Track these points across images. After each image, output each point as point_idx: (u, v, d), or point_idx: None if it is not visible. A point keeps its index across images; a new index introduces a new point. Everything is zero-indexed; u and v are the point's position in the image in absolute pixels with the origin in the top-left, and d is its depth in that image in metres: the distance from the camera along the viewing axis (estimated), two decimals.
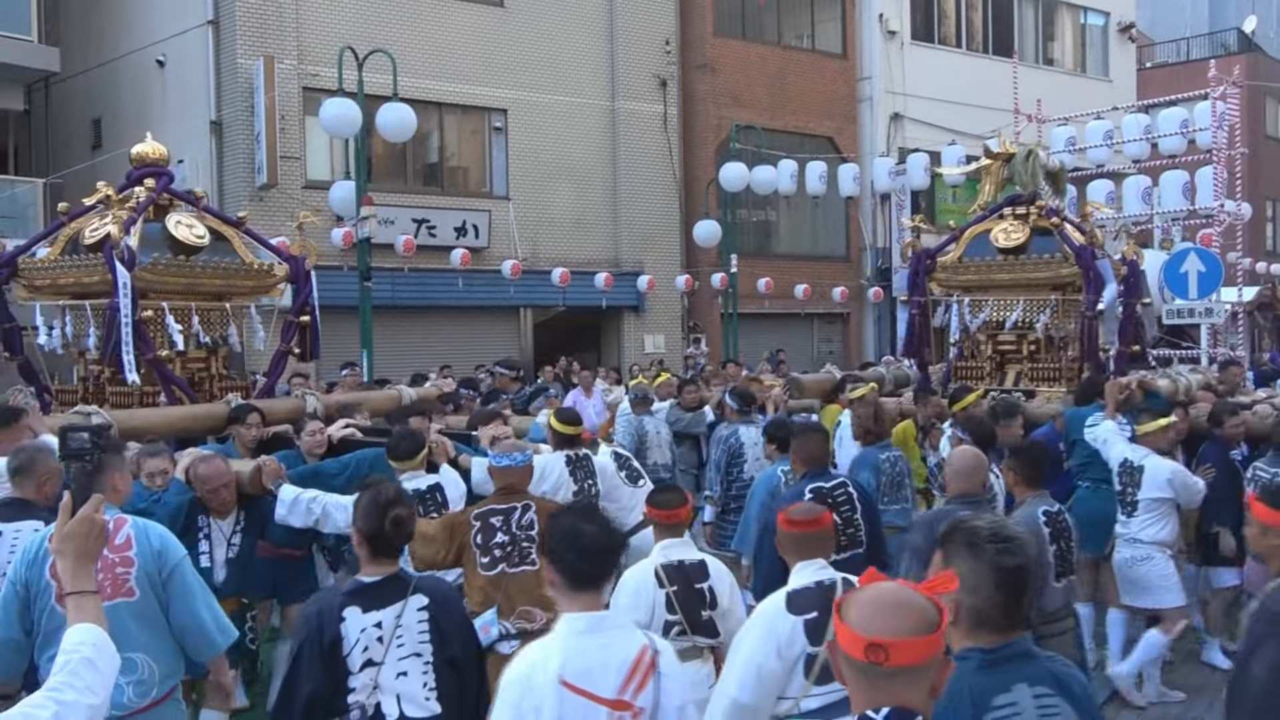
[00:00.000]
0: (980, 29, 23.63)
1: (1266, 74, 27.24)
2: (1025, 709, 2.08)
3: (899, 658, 1.69)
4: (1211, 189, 13.73)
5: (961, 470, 4.35)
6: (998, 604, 2.14)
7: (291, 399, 7.04)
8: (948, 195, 21.54)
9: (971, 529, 2.24)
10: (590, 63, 18.48)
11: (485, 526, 4.34)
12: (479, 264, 16.44)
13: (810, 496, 4.69)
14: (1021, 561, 2.18)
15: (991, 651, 2.13)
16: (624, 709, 2.47)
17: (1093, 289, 7.68)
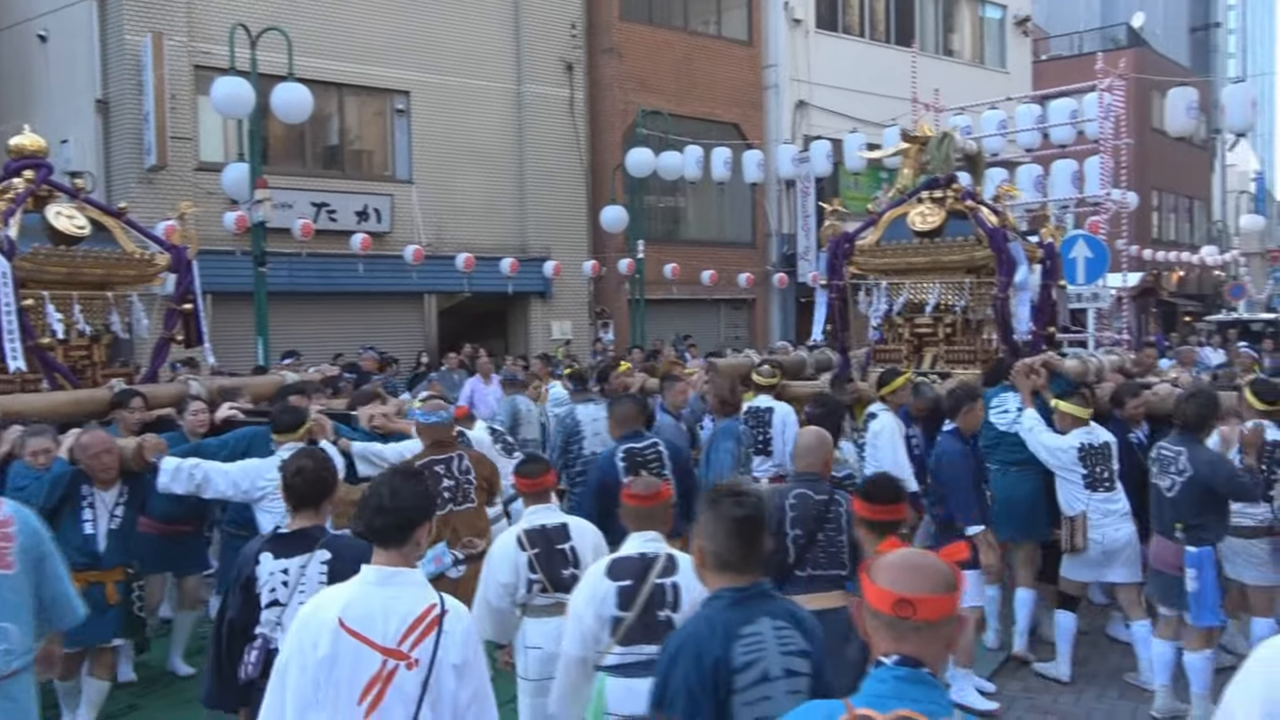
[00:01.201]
0: (883, 19, 24.03)
1: (1153, 68, 28.26)
2: (767, 637, 2.56)
3: (924, 613, 1.92)
4: (1099, 178, 14.19)
5: (804, 448, 4.51)
6: (733, 549, 2.58)
7: (175, 383, 7.07)
8: (851, 182, 21.88)
9: (714, 488, 2.70)
10: (495, 45, 18.25)
11: (432, 475, 5.09)
12: (381, 249, 16.13)
13: (623, 455, 5.41)
14: (750, 513, 2.60)
15: (740, 591, 2.59)
16: (399, 658, 2.65)
17: (1005, 271, 7.75)
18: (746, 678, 2.49)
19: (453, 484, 5.21)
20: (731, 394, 6.42)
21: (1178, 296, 34.18)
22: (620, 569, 3.51)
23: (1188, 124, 12.33)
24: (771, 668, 2.53)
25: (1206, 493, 5.25)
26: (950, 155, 8.65)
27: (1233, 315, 26.16)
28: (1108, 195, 14.05)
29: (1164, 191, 34.76)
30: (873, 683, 1.96)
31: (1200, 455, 5.32)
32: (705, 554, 2.62)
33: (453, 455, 5.32)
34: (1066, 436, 6.08)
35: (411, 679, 2.65)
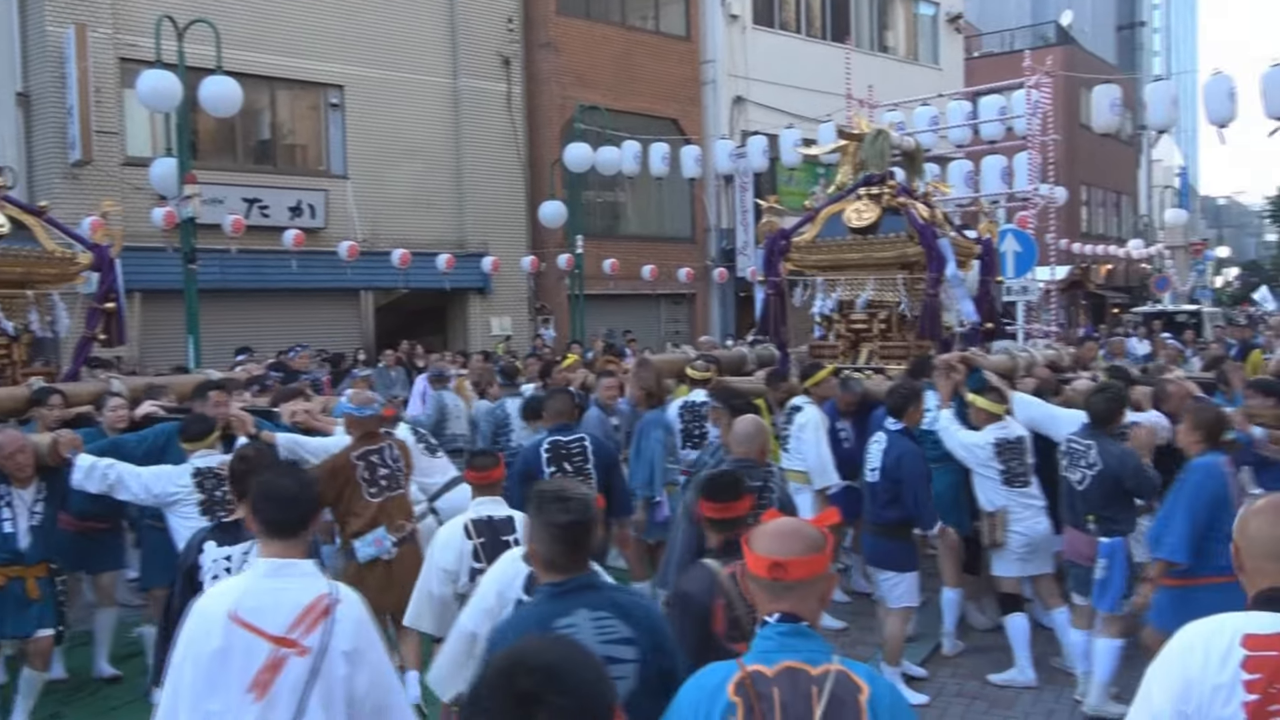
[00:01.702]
0: (819, 15, 24.26)
1: (1081, 66, 28.91)
2: (583, 627, 2.60)
3: (795, 573, 2.17)
4: (1027, 173, 14.49)
5: (741, 436, 4.62)
6: (559, 552, 2.68)
7: (95, 381, 6.98)
8: (788, 177, 22.07)
9: (540, 492, 2.76)
10: (431, 39, 18.09)
11: (368, 464, 5.36)
12: (316, 245, 15.92)
13: (548, 447, 5.67)
14: (575, 518, 2.66)
15: (558, 585, 2.68)
16: (289, 646, 2.70)
17: (934, 268, 7.76)
18: None
19: (387, 471, 5.40)
20: (657, 386, 6.50)
21: (1106, 289, 35.04)
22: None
23: (1112, 120, 12.64)
24: None
25: (1116, 485, 5.32)
26: (885, 152, 8.64)
27: (1158, 307, 26.87)
28: (1035, 190, 14.35)
29: (1092, 186, 35.60)
30: (759, 640, 2.20)
31: (1109, 449, 5.37)
32: (534, 555, 2.75)
33: (384, 445, 5.49)
34: (982, 433, 6.07)
35: (300, 666, 2.69)
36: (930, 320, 7.84)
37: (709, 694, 2.16)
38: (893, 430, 5.93)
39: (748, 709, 2.10)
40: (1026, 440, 6.09)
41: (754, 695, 2.10)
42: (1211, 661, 2.18)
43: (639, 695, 2.58)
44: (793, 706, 2.08)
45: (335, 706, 2.72)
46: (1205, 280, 47.73)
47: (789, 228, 8.73)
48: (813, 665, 2.12)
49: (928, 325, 7.87)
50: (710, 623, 3.08)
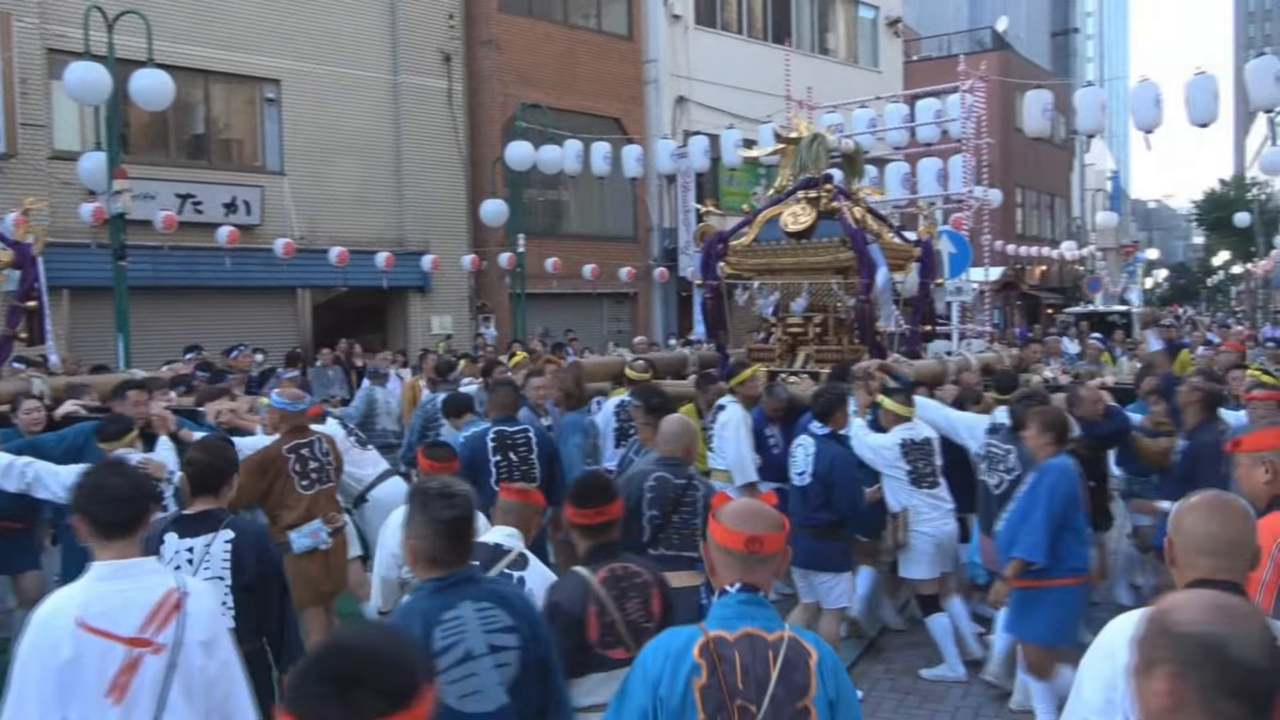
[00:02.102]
0: (760, 16, 24.42)
1: (1016, 71, 29.46)
2: (468, 619, 2.72)
3: (768, 547, 2.41)
4: (962, 176, 14.73)
5: (668, 435, 4.65)
6: (442, 547, 2.75)
7: (15, 380, 6.88)
8: (729, 178, 22.19)
9: (424, 489, 2.84)
10: (369, 34, 17.88)
11: (299, 458, 5.46)
12: (251, 242, 15.65)
13: (494, 436, 5.84)
14: (459, 513, 2.75)
15: (441, 580, 2.75)
16: (143, 645, 2.70)
17: (865, 273, 7.71)
18: (448, 659, 2.68)
19: (317, 465, 5.54)
20: (576, 387, 6.60)
21: (1040, 289, 35.79)
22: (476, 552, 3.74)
23: (1044, 125, 12.89)
24: (475, 646, 2.71)
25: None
26: (821, 155, 8.60)
27: (1090, 308, 27.47)
28: (970, 193, 14.59)
29: (1027, 189, 36.31)
30: (719, 608, 2.42)
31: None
32: (415, 551, 2.78)
33: (313, 439, 5.62)
34: (889, 434, 6.12)
35: (157, 663, 2.70)
36: (863, 325, 7.84)
37: (675, 656, 2.36)
38: (820, 434, 5.93)
39: (711, 669, 2.32)
40: (934, 442, 6.18)
41: (717, 657, 2.33)
42: None
43: (522, 680, 2.76)
44: (752, 668, 2.32)
45: (196, 698, 2.74)
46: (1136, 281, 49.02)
47: (726, 231, 8.70)
48: (769, 631, 2.37)
49: (861, 330, 7.89)
50: (584, 631, 3.13)
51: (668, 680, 2.34)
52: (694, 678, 2.32)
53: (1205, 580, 2.27)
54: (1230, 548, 2.31)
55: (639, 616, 3.19)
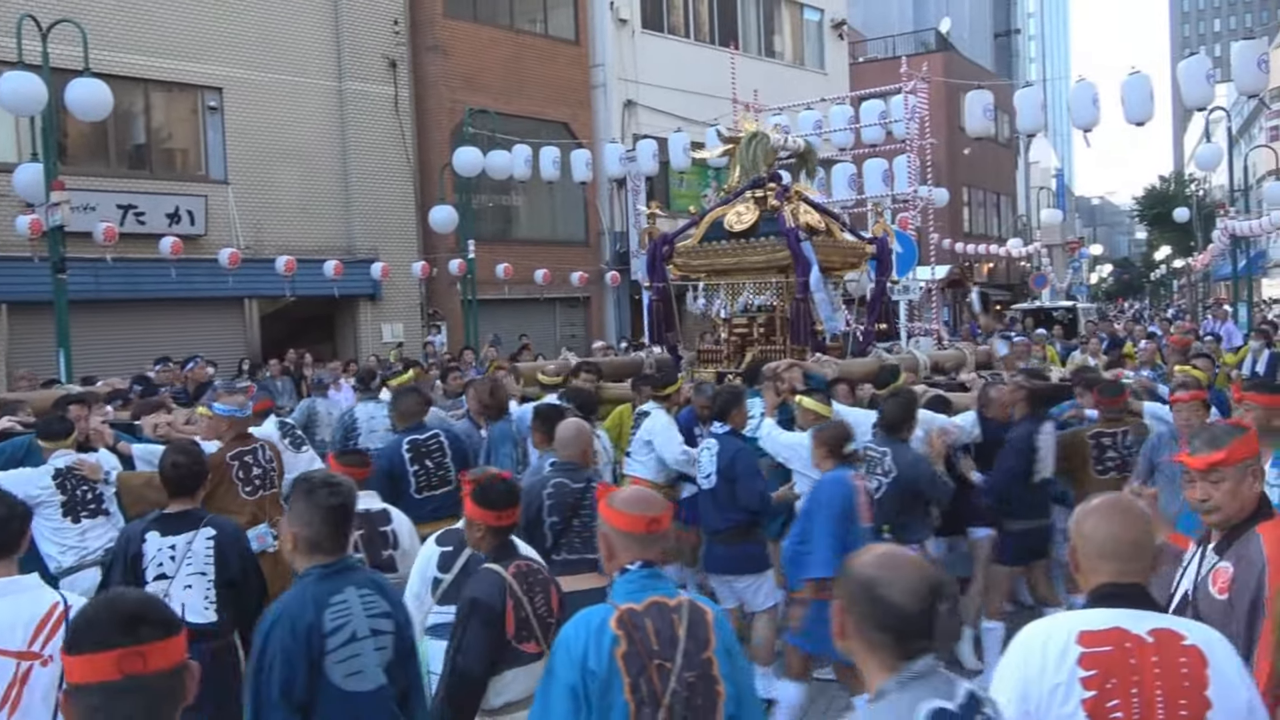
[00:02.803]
0: (707, 20, 24.53)
1: (959, 72, 29.88)
2: (353, 603, 2.91)
3: (663, 525, 2.78)
4: (907, 176, 14.91)
5: (565, 439, 4.71)
6: (325, 534, 2.92)
7: None
8: (678, 181, 22.27)
9: (308, 478, 3.03)
10: (313, 40, 17.70)
11: (243, 464, 5.66)
12: (195, 252, 15.43)
13: (408, 446, 5.84)
14: (343, 500, 2.93)
15: (328, 566, 2.93)
16: (32, 658, 2.80)
17: (801, 271, 7.67)
18: (337, 640, 2.86)
19: (261, 471, 5.72)
20: (491, 398, 6.65)
21: (988, 286, 36.30)
22: (447, 537, 3.97)
23: (985, 125, 13.04)
24: (359, 629, 2.90)
25: (912, 493, 5.35)
26: (760, 155, 8.50)
27: (1036, 304, 27.92)
28: (915, 192, 14.77)
29: (973, 188, 36.84)
30: (624, 584, 2.74)
31: (904, 456, 5.38)
32: (298, 539, 2.94)
33: (257, 445, 5.80)
34: (806, 433, 5.89)
35: (46, 674, 2.78)
36: (797, 324, 7.76)
37: (595, 631, 2.64)
38: (721, 433, 5.86)
39: (629, 638, 2.62)
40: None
41: (631, 626, 2.63)
42: (1049, 661, 2.22)
43: (394, 664, 2.96)
44: (663, 631, 2.65)
45: None
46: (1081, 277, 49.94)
47: (671, 233, 8.66)
48: (670, 598, 2.71)
49: (794, 329, 7.81)
50: (503, 626, 3.21)
51: (593, 654, 2.61)
52: (615, 648, 2.61)
53: (1111, 584, 2.28)
54: (1133, 550, 2.30)
55: (545, 611, 3.31)
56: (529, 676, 3.19)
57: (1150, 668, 2.18)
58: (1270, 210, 19.46)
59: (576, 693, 2.60)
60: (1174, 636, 2.22)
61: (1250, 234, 21.18)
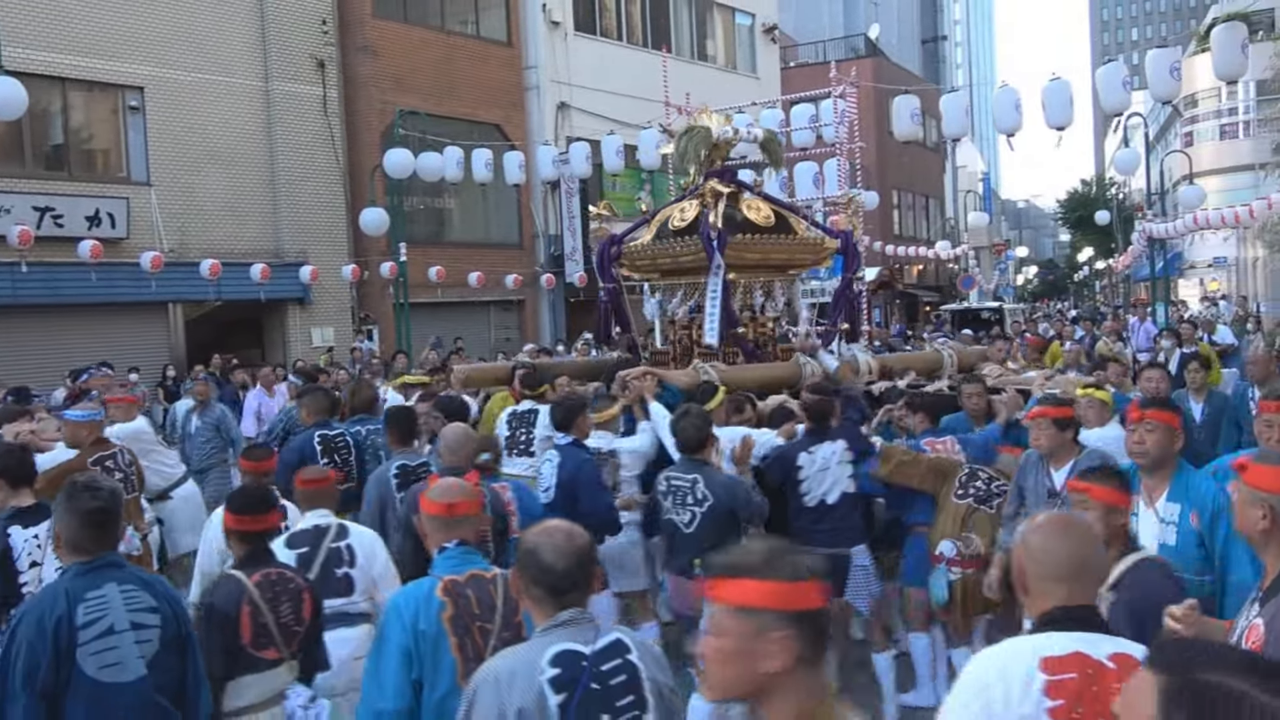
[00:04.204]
0: (639, 23, 24.60)
1: (888, 77, 30.35)
2: (113, 598, 3.02)
3: (463, 510, 3.21)
4: (837, 179, 15.08)
5: (451, 444, 4.70)
6: (84, 536, 3.06)
7: None
8: (612, 183, 22.26)
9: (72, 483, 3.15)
10: (238, 40, 17.36)
11: (105, 470, 5.65)
12: (117, 256, 15.03)
13: (319, 440, 6.03)
14: (102, 504, 3.07)
15: (86, 564, 3.05)
16: None
17: (714, 270, 7.35)
18: (91, 632, 2.97)
19: (122, 476, 5.80)
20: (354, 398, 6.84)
21: (918, 288, 36.94)
22: (297, 539, 4.09)
23: (913, 129, 13.29)
24: (118, 622, 3.01)
25: (729, 519, 4.80)
26: (691, 150, 8.17)
27: (964, 305, 28.44)
28: (844, 195, 14.92)
29: (903, 190, 37.43)
30: (444, 560, 3.10)
31: (714, 479, 4.86)
32: (61, 539, 3.10)
33: (116, 450, 5.91)
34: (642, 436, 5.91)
35: None
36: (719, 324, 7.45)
37: (423, 599, 2.95)
38: (563, 444, 5.55)
39: (454, 604, 2.96)
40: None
41: (455, 595, 2.97)
42: (1013, 691, 2.08)
43: (161, 655, 3.08)
44: (483, 599, 3.02)
45: None
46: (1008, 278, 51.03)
47: (620, 233, 8.38)
48: (486, 571, 3.10)
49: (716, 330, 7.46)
50: (237, 632, 3.38)
51: (424, 617, 2.92)
52: (442, 612, 2.93)
53: (1063, 607, 2.17)
54: (1084, 570, 2.22)
55: (291, 619, 3.47)
56: (266, 682, 3.43)
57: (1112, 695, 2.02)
58: (1185, 213, 20.08)
59: (408, 652, 2.88)
60: (1133, 661, 2.08)
61: (1167, 236, 21.82)
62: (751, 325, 8.13)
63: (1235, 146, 34.99)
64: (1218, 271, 36.62)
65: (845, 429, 5.59)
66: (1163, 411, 3.94)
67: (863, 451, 5.50)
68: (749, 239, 7.75)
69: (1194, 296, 36.86)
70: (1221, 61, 9.86)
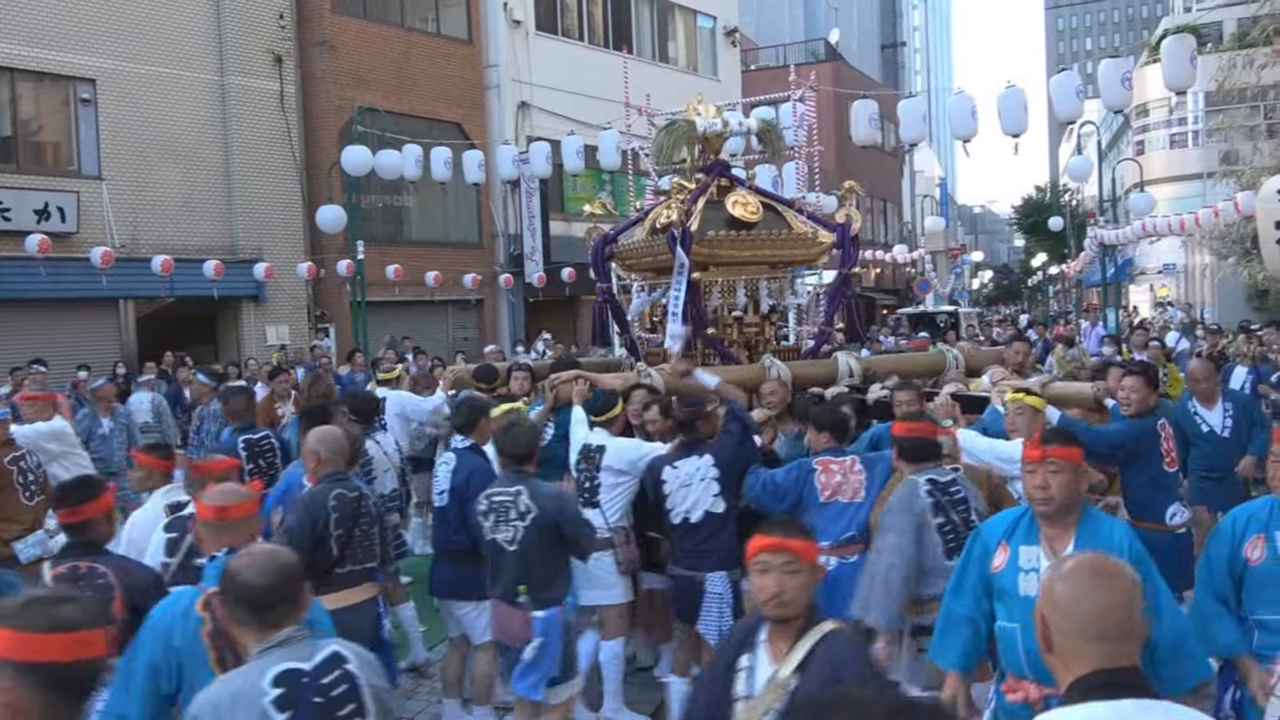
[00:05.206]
0: (601, 24, 24.58)
1: (848, 81, 30.58)
2: None
3: (234, 514, 3.19)
4: (795, 181, 15.16)
5: (335, 449, 4.45)
6: None
7: None
8: (572, 184, 22.25)
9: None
10: (193, 32, 17.11)
11: (20, 469, 5.75)
12: (66, 251, 14.76)
13: (244, 444, 6.06)
14: None
15: None
16: None
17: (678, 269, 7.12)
18: None
19: (35, 477, 5.87)
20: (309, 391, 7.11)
21: (875, 291, 37.25)
22: (175, 524, 4.08)
23: (871, 133, 13.40)
24: None
25: (556, 536, 4.44)
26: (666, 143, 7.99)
27: (921, 308, 28.73)
28: (803, 198, 15.00)
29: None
30: (214, 568, 2.99)
31: (541, 491, 4.47)
32: None
33: (23, 452, 5.91)
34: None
35: None
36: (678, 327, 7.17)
37: (180, 615, 2.93)
38: (461, 448, 5.32)
39: (214, 618, 2.88)
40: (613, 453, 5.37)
41: (217, 608, 2.83)
42: None
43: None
44: None
45: None
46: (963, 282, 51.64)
47: (613, 231, 8.19)
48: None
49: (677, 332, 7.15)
50: None
51: (179, 633, 2.90)
52: (201, 628, 2.89)
53: (1105, 671, 1.82)
54: (1123, 626, 1.86)
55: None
56: None
57: None
58: (1135, 220, 20.44)
59: (156, 667, 2.87)
60: None
61: (1117, 242, 22.21)
62: (735, 326, 7.73)
63: (1184, 155, 35.72)
64: (1167, 278, 37.33)
65: (717, 444, 5.05)
66: (1066, 447, 3.30)
67: (736, 468, 4.99)
68: (726, 235, 7.38)
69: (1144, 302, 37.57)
70: (1171, 72, 10.03)
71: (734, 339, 7.73)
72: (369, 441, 6.33)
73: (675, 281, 7.04)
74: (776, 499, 4.85)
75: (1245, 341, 12.65)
